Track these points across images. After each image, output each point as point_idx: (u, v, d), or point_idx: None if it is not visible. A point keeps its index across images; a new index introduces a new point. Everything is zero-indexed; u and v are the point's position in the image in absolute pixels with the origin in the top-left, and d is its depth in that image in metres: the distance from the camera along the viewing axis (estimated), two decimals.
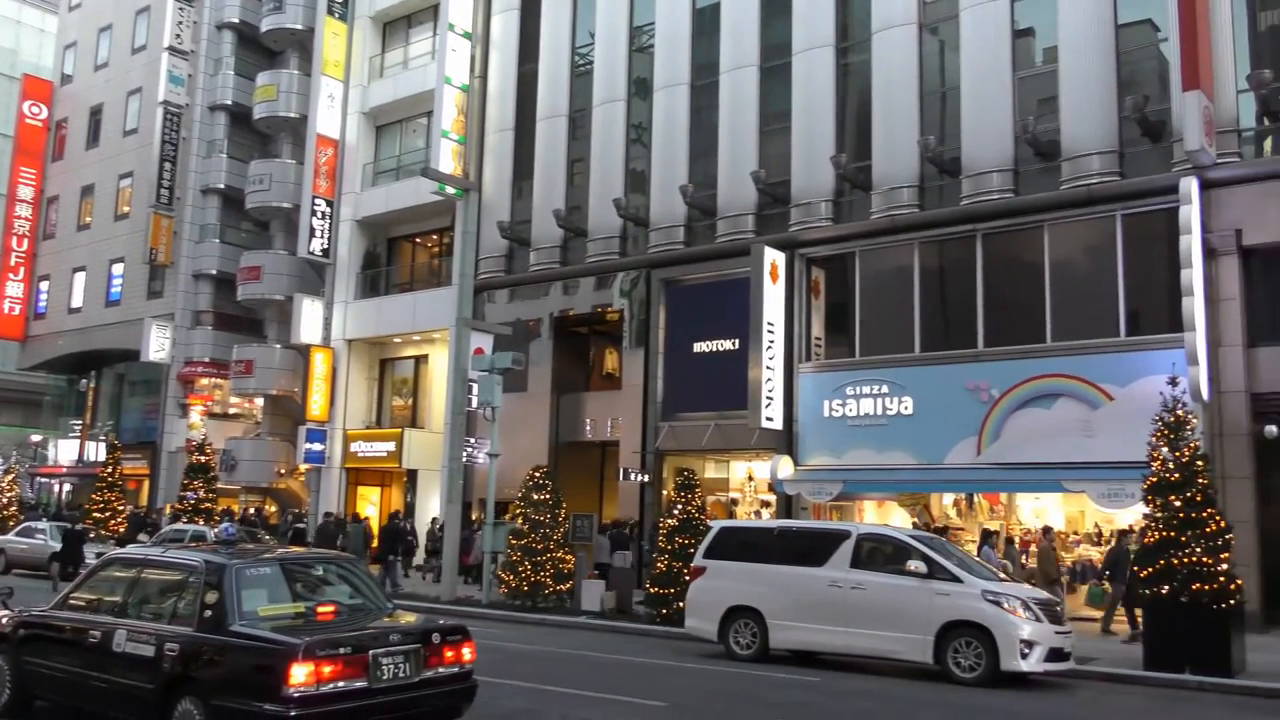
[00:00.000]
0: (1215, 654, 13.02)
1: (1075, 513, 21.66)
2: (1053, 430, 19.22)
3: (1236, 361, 17.89)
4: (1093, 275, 19.82)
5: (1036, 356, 19.78)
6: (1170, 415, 13.99)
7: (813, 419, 22.39)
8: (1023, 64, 21.26)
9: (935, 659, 12.63)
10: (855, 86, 23.37)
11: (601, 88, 27.31)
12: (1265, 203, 17.93)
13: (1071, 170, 19.82)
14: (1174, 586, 13.28)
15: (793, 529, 15.62)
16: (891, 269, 22.25)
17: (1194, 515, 13.44)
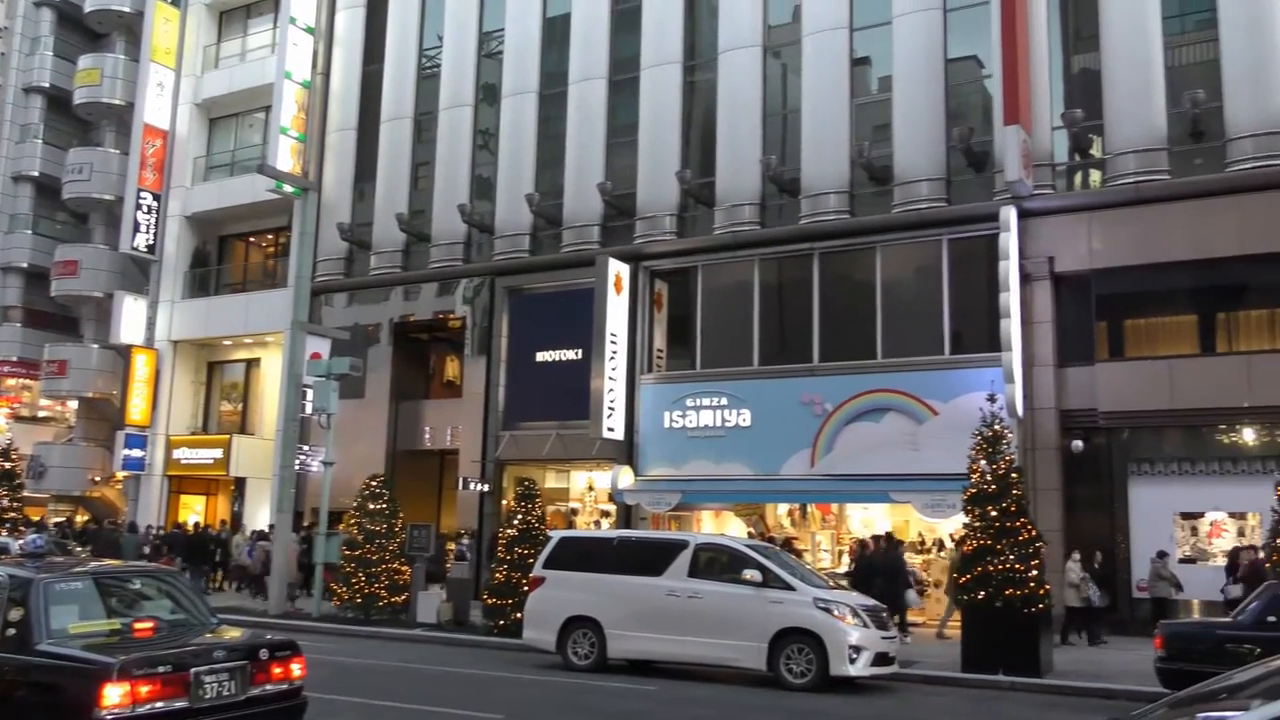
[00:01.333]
0: (1025, 656, 13.81)
1: (901, 522, 22.57)
2: (882, 443, 20.04)
3: (1048, 380, 19.06)
4: (921, 295, 20.78)
5: (868, 372, 20.58)
6: (988, 430, 14.77)
7: (653, 430, 22.65)
8: (860, 91, 22.13)
9: (768, 666, 12.93)
10: (701, 104, 23.83)
11: (449, 92, 26.97)
12: (1075, 233, 19.20)
13: (903, 195, 20.74)
14: (989, 592, 14.01)
15: (632, 539, 15.72)
16: (732, 284, 22.76)
17: (1008, 525, 14.23)
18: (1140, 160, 18.78)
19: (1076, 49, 20.44)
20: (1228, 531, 18.23)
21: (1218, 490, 18.35)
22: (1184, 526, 18.61)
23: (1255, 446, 18.20)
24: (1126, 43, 19.21)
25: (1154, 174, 18.66)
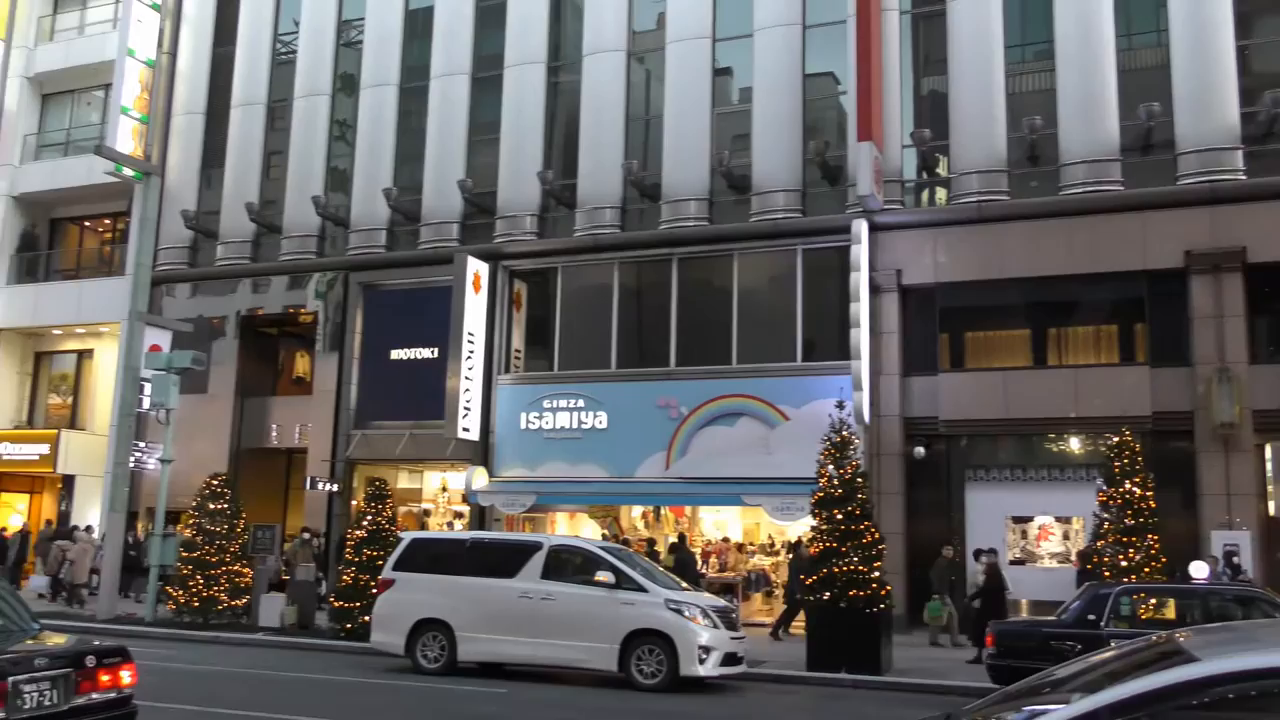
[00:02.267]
0: (867, 654, 14.28)
1: (752, 525, 23.07)
2: (735, 447, 20.42)
3: (893, 389, 19.79)
4: (775, 303, 21.27)
5: (723, 377, 20.94)
6: (837, 436, 15.23)
7: (509, 431, 22.49)
8: (721, 101, 22.51)
9: (620, 666, 12.99)
10: (565, 106, 23.81)
11: (305, 79, 26.17)
12: (922, 247, 20.00)
13: (760, 204, 21.20)
14: (834, 593, 14.45)
15: (485, 540, 15.56)
16: (592, 286, 22.82)
17: (854, 527, 14.71)
18: (983, 180, 19.71)
19: (926, 71, 21.32)
20: (1054, 535, 19.28)
21: (1046, 496, 19.39)
22: (1015, 530, 19.59)
23: (1080, 455, 19.31)
24: (972, 68, 20.13)
25: (995, 194, 19.61)
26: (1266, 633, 4.03)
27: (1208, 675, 3.15)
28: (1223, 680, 3.14)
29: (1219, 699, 3.14)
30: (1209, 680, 3.14)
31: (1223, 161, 18.34)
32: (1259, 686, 3.15)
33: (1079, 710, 3.18)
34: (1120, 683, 3.26)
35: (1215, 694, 3.14)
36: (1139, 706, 3.13)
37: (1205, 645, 3.46)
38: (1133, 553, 14.96)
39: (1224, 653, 3.35)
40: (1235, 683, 3.14)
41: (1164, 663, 3.35)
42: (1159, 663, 3.37)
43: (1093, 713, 3.14)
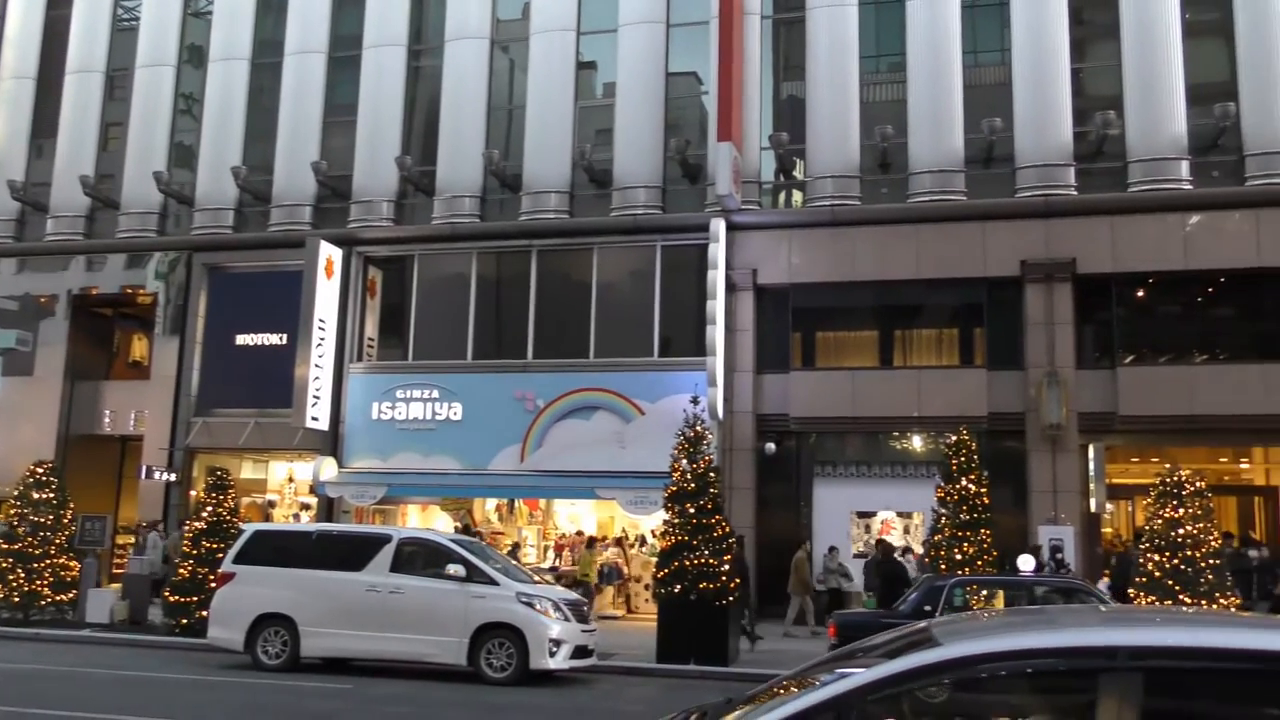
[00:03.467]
0: (715, 646, 14.53)
1: (606, 518, 23.16)
2: (590, 440, 20.47)
3: (747, 386, 20.19)
4: (634, 299, 21.41)
5: (580, 371, 20.95)
6: (691, 431, 15.43)
7: (360, 420, 21.97)
8: (585, 94, 22.51)
9: (469, 660, 12.87)
10: (426, 91, 23.38)
11: (148, 49, 24.90)
12: (777, 248, 20.47)
13: (621, 200, 21.29)
14: (685, 586, 14.64)
15: (332, 533, 15.18)
16: (450, 276, 22.48)
17: (705, 521, 14.93)
18: (836, 185, 20.30)
19: (786, 76, 21.82)
20: (895, 529, 20.03)
21: (889, 491, 20.14)
22: (859, 524, 20.28)
23: (922, 453, 20.12)
24: (828, 76, 20.69)
25: (848, 199, 20.22)
26: (1008, 621, 4.38)
27: (945, 659, 3.43)
28: (958, 664, 3.44)
29: (957, 680, 3.50)
30: (946, 664, 3.43)
31: (1057, 177, 19.39)
32: (989, 669, 3.49)
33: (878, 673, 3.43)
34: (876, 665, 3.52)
35: (953, 675, 3.47)
36: (887, 686, 3.42)
37: (949, 633, 3.74)
38: (968, 546, 15.66)
39: (963, 639, 3.62)
40: (969, 666, 3.46)
41: (914, 648, 3.63)
42: (911, 647, 3.65)
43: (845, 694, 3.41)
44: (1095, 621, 4.17)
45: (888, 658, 3.62)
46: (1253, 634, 3.61)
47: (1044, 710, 3.70)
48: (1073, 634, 3.72)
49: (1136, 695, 3.24)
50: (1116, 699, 3.24)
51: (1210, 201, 18.87)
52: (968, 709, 3.78)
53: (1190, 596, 13.52)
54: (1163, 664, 3.35)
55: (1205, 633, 3.68)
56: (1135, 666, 3.30)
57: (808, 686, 3.68)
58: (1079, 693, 3.42)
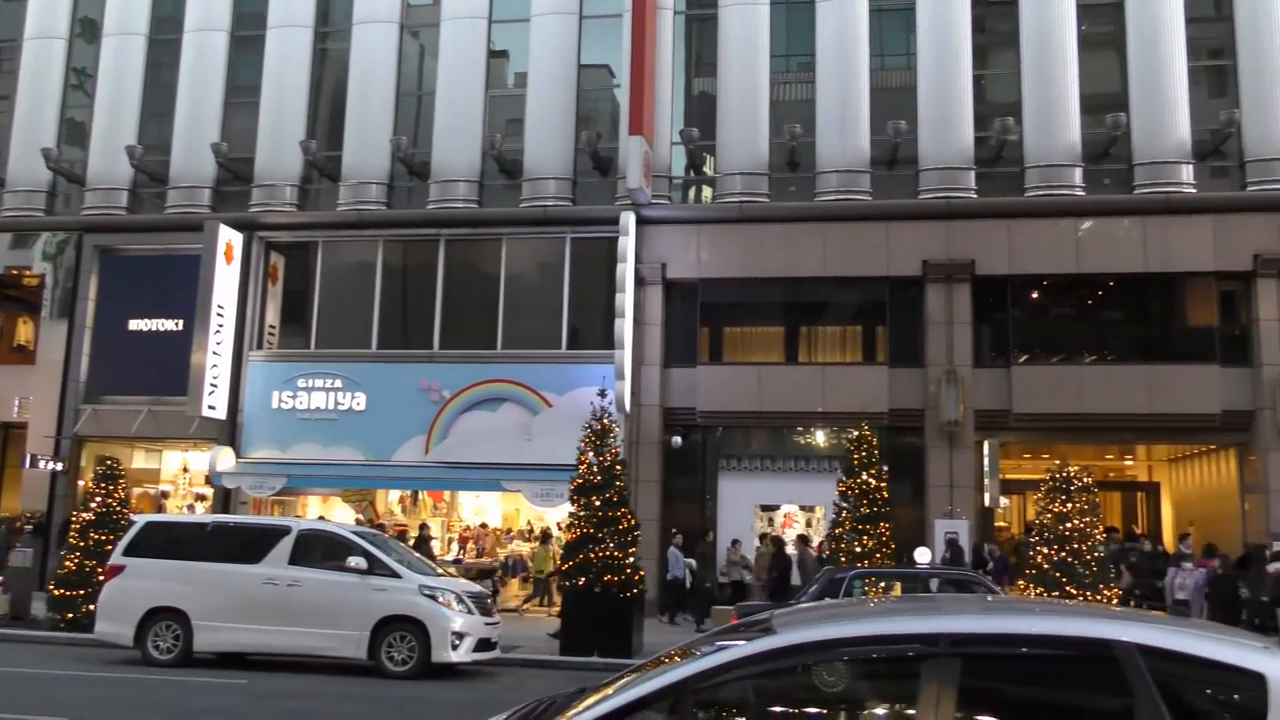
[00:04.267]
0: (620, 638, 14.58)
1: (511, 510, 23.06)
2: (496, 432, 20.33)
3: (654, 379, 20.28)
4: (543, 290, 21.31)
5: (487, 362, 20.79)
6: (598, 424, 15.45)
7: (260, 410, 21.44)
8: (496, 84, 22.31)
9: (369, 654, 12.68)
10: (332, 74, 22.89)
11: (37, 19, 23.86)
12: (686, 243, 20.59)
13: (531, 191, 21.17)
14: (590, 578, 14.66)
15: (228, 524, 14.79)
16: (355, 263, 22.08)
17: (611, 514, 14.97)
18: (746, 182, 20.50)
19: (698, 72, 21.95)
20: (798, 522, 20.36)
21: (792, 485, 20.46)
22: (763, 517, 20.55)
23: (825, 447, 20.47)
24: (739, 73, 20.88)
25: (756, 196, 20.44)
26: (843, 610, 4.60)
27: (776, 646, 3.69)
28: (790, 651, 3.70)
29: (790, 666, 3.78)
30: (778, 651, 3.69)
31: (958, 180, 19.91)
32: (820, 656, 3.78)
33: (741, 651, 3.67)
34: (712, 653, 3.74)
35: (785, 662, 3.73)
36: (721, 672, 3.67)
37: (787, 622, 3.99)
38: (867, 539, 15.98)
39: (797, 627, 3.87)
40: (800, 653, 3.73)
41: (752, 635, 3.85)
42: (749, 635, 3.88)
43: (680, 680, 3.63)
44: (923, 611, 4.41)
45: (727, 646, 3.78)
46: (1060, 620, 3.92)
47: (872, 694, 3.93)
48: (899, 622, 4.00)
49: (955, 679, 3.47)
50: (937, 682, 3.46)
51: (1101, 208, 19.59)
52: (801, 694, 3.99)
53: (1076, 588, 14.01)
54: (980, 650, 3.60)
55: (1019, 620, 3.98)
56: (955, 653, 3.53)
57: (648, 674, 3.82)
58: (905, 677, 3.64)
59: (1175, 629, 3.73)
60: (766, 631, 3.89)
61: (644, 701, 3.67)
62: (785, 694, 4.03)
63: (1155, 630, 3.67)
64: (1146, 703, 3.37)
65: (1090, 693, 3.62)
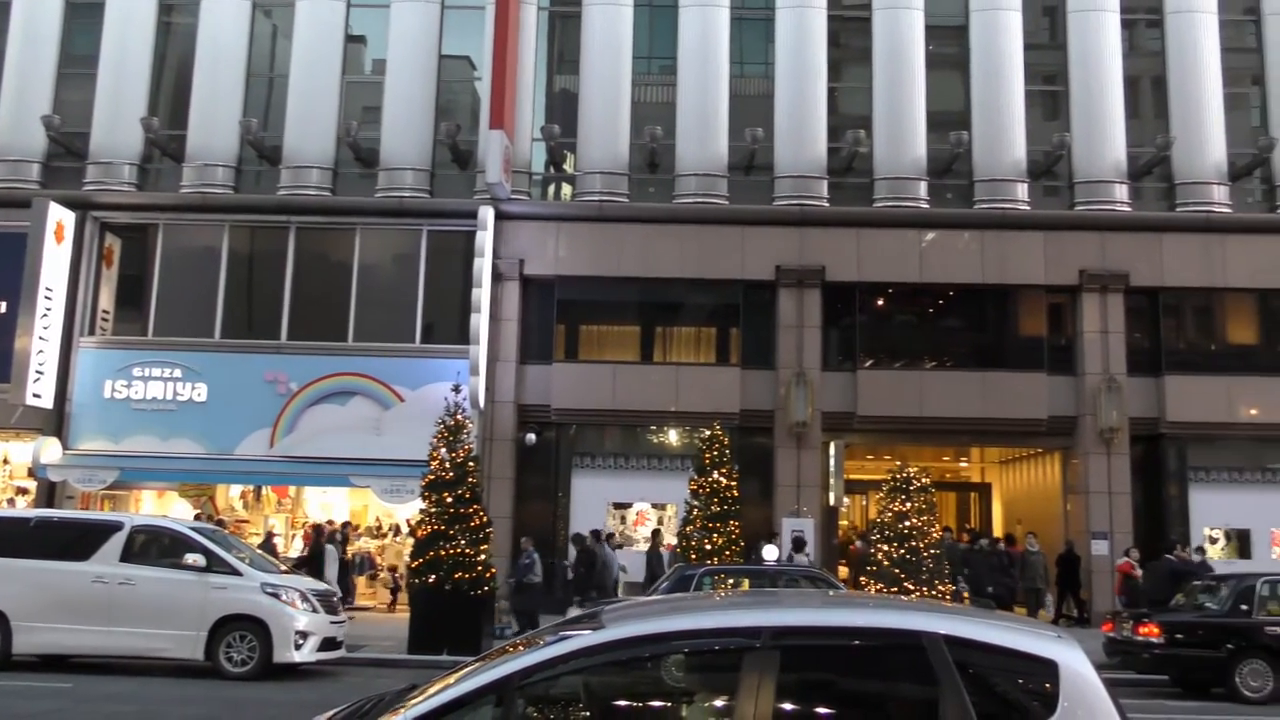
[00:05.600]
0: (469, 635, 14.44)
1: (360, 507, 22.54)
2: (346, 426, 19.85)
3: (509, 375, 20.17)
4: (397, 283, 20.91)
5: (337, 354, 20.26)
6: (451, 419, 15.28)
7: (91, 399, 20.32)
8: (353, 69, 21.77)
9: (207, 655, 12.22)
10: (177, 49, 21.89)
11: None
12: (544, 239, 20.55)
13: (387, 180, 20.74)
14: (440, 575, 14.48)
15: (54, 519, 14.03)
16: (198, 248, 21.17)
17: (463, 511, 14.83)
18: (605, 181, 20.59)
19: (561, 69, 21.93)
20: (650, 520, 20.57)
21: (645, 483, 20.66)
22: (615, 515, 20.69)
23: (677, 446, 20.75)
24: (602, 72, 20.96)
25: (616, 195, 20.56)
26: (671, 605, 4.84)
27: (603, 641, 3.84)
28: (617, 645, 3.85)
29: (618, 659, 3.91)
30: (605, 645, 3.83)
31: (811, 189, 20.49)
32: (646, 649, 3.92)
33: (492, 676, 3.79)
34: (541, 648, 3.89)
35: (611, 656, 3.87)
36: (547, 668, 3.80)
37: (615, 617, 4.14)
38: (717, 537, 16.31)
39: (624, 621, 4.02)
40: (627, 647, 3.88)
41: (581, 630, 3.98)
42: (579, 630, 4.00)
43: (506, 676, 3.76)
44: (746, 605, 4.61)
45: (556, 641, 3.90)
46: (873, 614, 4.21)
47: (698, 685, 4.08)
48: (722, 616, 4.16)
49: (775, 670, 3.67)
50: (758, 673, 3.66)
51: (944, 221, 20.50)
52: (630, 687, 4.11)
53: (913, 584, 14.65)
54: (799, 642, 3.83)
55: (835, 613, 4.26)
56: (775, 645, 3.73)
57: (475, 670, 3.90)
58: (728, 669, 3.79)
59: (978, 620, 4.04)
60: (596, 626, 3.98)
61: (469, 698, 3.73)
62: (614, 687, 4.12)
63: (960, 622, 3.95)
64: (950, 689, 3.62)
65: (901, 681, 3.87)
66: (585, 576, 16.73)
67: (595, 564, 16.73)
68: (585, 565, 16.92)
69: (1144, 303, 20.51)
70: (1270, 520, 20.21)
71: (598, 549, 17.18)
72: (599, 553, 16.98)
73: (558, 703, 4.06)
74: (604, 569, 16.86)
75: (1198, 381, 20.02)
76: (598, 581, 16.49)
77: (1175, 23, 21.04)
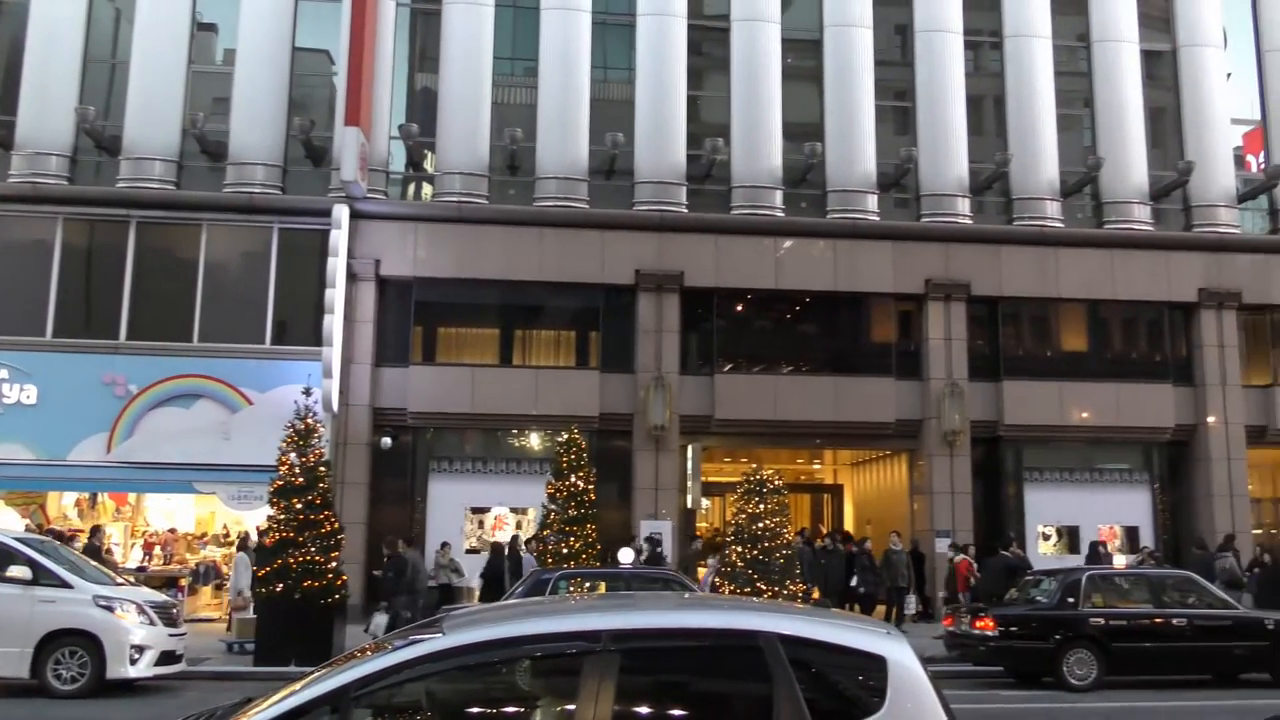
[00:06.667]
0: (320, 646, 13.99)
1: (206, 514, 21.67)
2: (190, 430, 19.07)
3: (364, 378, 19.73)
4: (246, 281, 20.18)
5: (181, 355, 19.44)
6: (301, 423, 14.83)
7: None
8: (202, 58, 20.96)
9: (33, 673, 11.52)
10: (6, 30, 20.65)
11: None
12: (402, 240, 20.18)
13: (236, 175, 20.02)
14: (288, 584, 14.03)
15: None
16: (28, 241, 19.99)
17: (313, 517, 14.40)
18: (465, 182, 20.36)
19: (421, 67, 21.59)
20: (508, 524, 20.42)
21: (503, 487, 20.50)
22: (473, 520, 20.47)
23: (537, 450, 20.67)
24: (462, 72, 20.72)
25: (476, 197, 20.36)
26: (512, 610, 4.86)
27: (442, 648, 3.85)
28: (456, 652, 3.87)
29: (458, 666, 3.93)
30: (443, 652, 3.85)
31: (671, 194, 20.73)
32: (487, 655, 3.95)
33: (329, 686, 3.76)
34: (377, 657, 3.88)
35: (450, 663, 3.89)
36: (384, 676, 3.79)
37: (456, 624, 4.14)
38: (574, 540, 16.31)
39: (465, 628, 4.04)
40: (466, 653, 3.90)
41: (420, 638, 3.99)
42: (418, 638, 4.01)
43: (343, 686, 3.74)
44: (588, 609, 4.67)
45: (395, 649, 3.88)
46: (712, 614, 4.31)
47: (539, 690, 4.12)
48: (565, 620, 4.21)
49: (615, 672, 3.74)
50: (598, 676, 3.72)
51: (798, 229, 21.03)
52: (471, 694, 4.13)
53: (765, 584, 14.94)
54: (639, 645, 3.90)
55: (675, 615, 4.33)
56: (615, 648, 3.79)
57: (312, 681, 3.85)
58: (569, 673, 3.86)
59: (812, 619, 4.21)
60: (437, 632, 3.97)
61: (304, 709, 3.67)
62: (456, 694, 4.10)
63: (794, 621, 4.09)
64: (785, 685, 3.74)
65: (738, 680, 3.96)
66: (394, 582, 16.34)
67: (405, 570, 16.33)
68: (395, 570, 16.52)
69: (984, 311, 21.49)
70: (1097, 517, 21.48)
71: (408, 554, 16.82)
72: (409, 558, 16.62)
73: (399, 711, 4.02)
74: (414, 574, 16.52)
75: (1033, 387, 21.09)
76: (406, 587, 16.12)
77: (1014, 46, 22.15)
